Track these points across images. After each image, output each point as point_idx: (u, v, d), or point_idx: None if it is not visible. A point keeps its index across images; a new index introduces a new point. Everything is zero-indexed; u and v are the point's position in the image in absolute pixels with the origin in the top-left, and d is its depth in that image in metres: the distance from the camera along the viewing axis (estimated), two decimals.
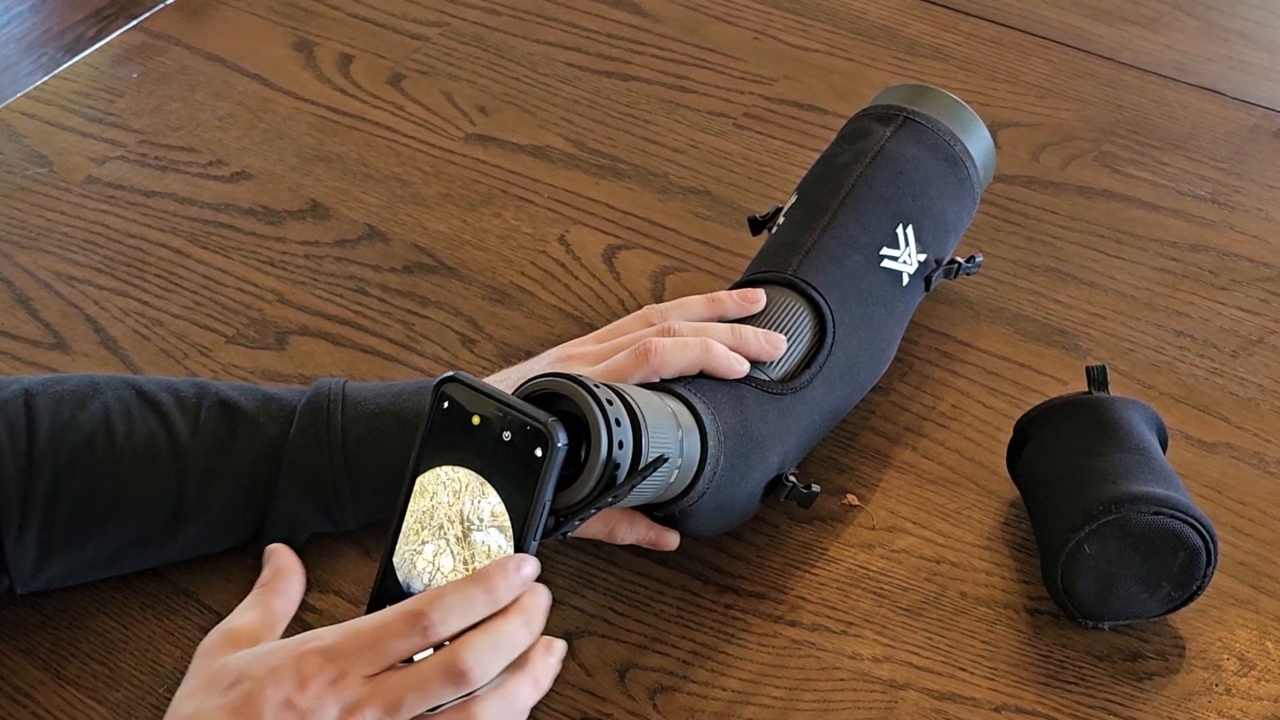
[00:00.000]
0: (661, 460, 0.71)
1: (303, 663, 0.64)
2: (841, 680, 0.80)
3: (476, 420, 0.68)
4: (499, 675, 0.66)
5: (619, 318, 0.99)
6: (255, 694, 0.64)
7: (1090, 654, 0.80)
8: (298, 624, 0.83)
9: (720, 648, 0.81)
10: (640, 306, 0.99)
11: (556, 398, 0.70)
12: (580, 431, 0.69)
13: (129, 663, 0.81)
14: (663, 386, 0.78)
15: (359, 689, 0.64)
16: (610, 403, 0.69)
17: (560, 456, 0.67)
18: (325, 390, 0.83)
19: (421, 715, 0.65)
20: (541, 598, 0.69)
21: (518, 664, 0.67)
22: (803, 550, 0.86)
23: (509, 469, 0.68)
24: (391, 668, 0.65)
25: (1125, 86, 1.17)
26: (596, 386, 0.70)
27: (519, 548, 0.68)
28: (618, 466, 0.69)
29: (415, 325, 1.00)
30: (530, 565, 0.67)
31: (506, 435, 0.68)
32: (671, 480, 0.74)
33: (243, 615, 0.71)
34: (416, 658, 0.65)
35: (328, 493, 0.82)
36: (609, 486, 0.69)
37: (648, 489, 0.73)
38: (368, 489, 0.82)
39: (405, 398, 0.83)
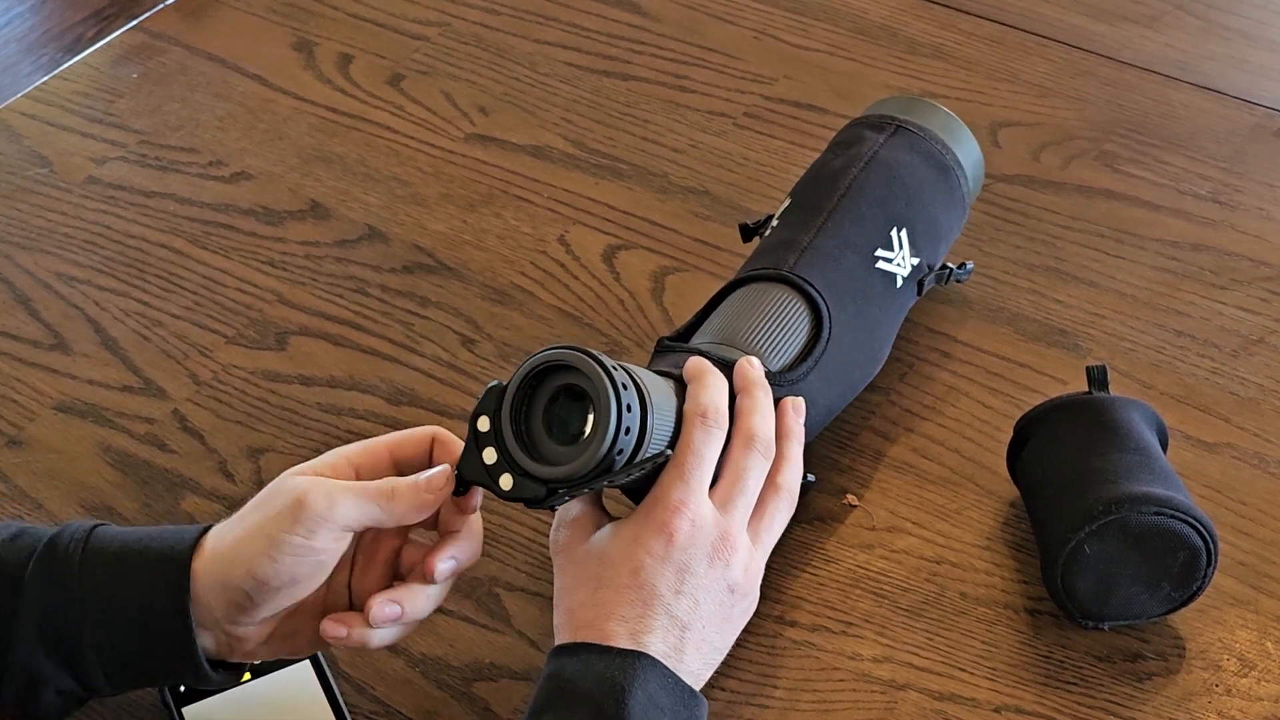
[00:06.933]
0: (663, 456, 0.73)
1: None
2: (841, 681, 0.80)
3: None
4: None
5: (619, 318, 0.99)
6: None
7: (1090, 654, 0.80)
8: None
9: None
10: (640, 306, 1.00)
11: (567, 370, 0.71)
12: (586, 405, 0.70)
13: None
14: (666, 374, 0.79)
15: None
16: (625, 387, 0.70)
17: None
18: (73, 528, 0.74)
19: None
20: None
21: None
22: (802, 550, 0.86)
23: None
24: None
25: (1126, 86, 1.17)
26: (615, 368, 0.70)
27: None
28: (620, 452, 0.70)
29: (415, 325, 1.00)
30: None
31: None
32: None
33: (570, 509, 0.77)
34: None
35: (68, 640, 0.71)
36: (607, 471, 0.70)
37: (643, 478, 0.74)
38: (110, 640, 0.72)
39: (155, 535, 0.74)
